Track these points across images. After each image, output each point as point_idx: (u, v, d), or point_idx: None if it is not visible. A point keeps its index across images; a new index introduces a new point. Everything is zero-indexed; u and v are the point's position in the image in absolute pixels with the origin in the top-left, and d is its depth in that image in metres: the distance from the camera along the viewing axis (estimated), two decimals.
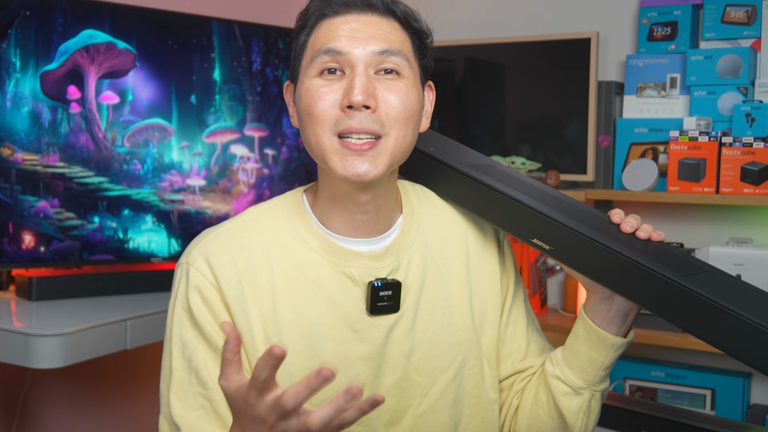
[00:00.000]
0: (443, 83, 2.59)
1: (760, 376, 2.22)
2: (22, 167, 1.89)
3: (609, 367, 1.13)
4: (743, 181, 2.04)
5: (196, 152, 2.14)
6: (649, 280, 1.00)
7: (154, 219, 2.08)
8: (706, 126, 2.14)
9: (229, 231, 1.10)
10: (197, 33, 2.13)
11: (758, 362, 0.94)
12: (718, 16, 2.19)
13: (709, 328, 0.96)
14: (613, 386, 2.29)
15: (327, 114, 1.03)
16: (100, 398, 2.34)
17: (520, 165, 2.35)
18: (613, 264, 1.03)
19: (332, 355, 1.07)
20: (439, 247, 1.17)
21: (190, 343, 1.05)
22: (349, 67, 1.04)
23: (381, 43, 1.05)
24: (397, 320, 1.11)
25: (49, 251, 1.94)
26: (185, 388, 1.05)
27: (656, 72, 2.26)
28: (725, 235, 2.25)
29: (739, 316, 0.94)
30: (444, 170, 1.19)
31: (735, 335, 0.94)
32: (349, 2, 1.07)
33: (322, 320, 1.08)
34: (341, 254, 1.10)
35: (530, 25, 2.53)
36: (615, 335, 1.11)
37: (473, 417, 1.18)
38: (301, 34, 1.10)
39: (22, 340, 1.65)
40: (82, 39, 1.96)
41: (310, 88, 1.05)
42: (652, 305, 1.02)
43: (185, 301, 1.06)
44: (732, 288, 1.01)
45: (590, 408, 1.14)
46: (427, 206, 1.20)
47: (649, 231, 1.09)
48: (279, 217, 1.12)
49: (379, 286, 1.08)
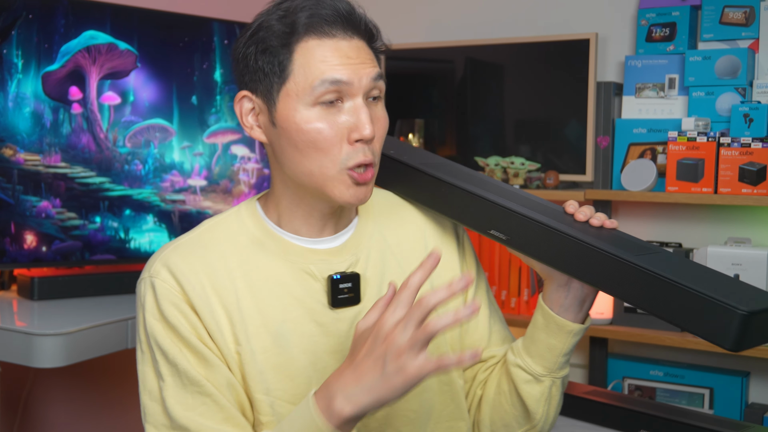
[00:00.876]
0: (443, 84, 2.60)
1: (758, 375, 2.23)
2: (24, 167, 1.90)
3: (568, 353, 1.15)
4: (741, 182, 2.05)
5: (197, 152, 2.15)
6: (603, 261, 1.04)
7: (156, 219, 2.09)
8: (704, 126, 2.15)
9: (187, 243, 1.13)
10: (198, 34, 2.14)
11: (709, 333, 0.97)
12: (716, 17, 2.20)
13: (662, 304, 1.00)
14: (612, 385, 2.30)
15: (335, 148, 1.06)
16: (102, 397, 2.35)
17: (520, 165, 2.36)
18: (568, 249, 1.06)
19: (300, 350, 1.10)
20: (397, 241, 1.20)
21: (171, 349, 1.06)
22: (349, 97, 1.06)
23: (373, 69, 1.08)
24: (359, 312, 1.14)
25: (50, 251, 1.95)
26: (180, 390, 1.05)
27: (655, 73, 2.27)
28: (723, 235, 2.26)
29: (689, 290, 0.97)
30: (403, 170, 1.23)
31: (686, 309, 0.98)
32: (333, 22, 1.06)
33: (287, 317, 1.10)
34: (299, 253, 1.13)
35: (529, 26, 2.54)
36: (572, 322, 1.13)
37: (446, 404, 1.20)
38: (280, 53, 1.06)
39: (24, 340, 1.66)
40: (83, 40, 1.97)
41: (311, 119, 1.05)
42: (606, 286, 1.05)
43: (156, 311, 1.08)
44: (681, 266, 1.05)
45: (551, 395, 1.17)
46: (383, 204, 1.24)
47: (602, 219, 1.12)
48: (234, 225, 1.15)
49: (338, 278, 1.12)
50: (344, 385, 0.96)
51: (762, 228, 2.22)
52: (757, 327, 0.96)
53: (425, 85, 2.63)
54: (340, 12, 1.06)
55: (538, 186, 2.35)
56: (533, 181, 2.36)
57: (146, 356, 1.09)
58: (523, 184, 2.36)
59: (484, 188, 1.18)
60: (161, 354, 1.07)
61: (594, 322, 2.26)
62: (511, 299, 2.37)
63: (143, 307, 1.09)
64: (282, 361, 1.09)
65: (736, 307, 0.94)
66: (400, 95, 2.65)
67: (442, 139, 2.59)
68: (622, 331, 2.20)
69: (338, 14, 1.06)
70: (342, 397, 0.95)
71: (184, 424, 1.04)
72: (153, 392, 1.08)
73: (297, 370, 1.10)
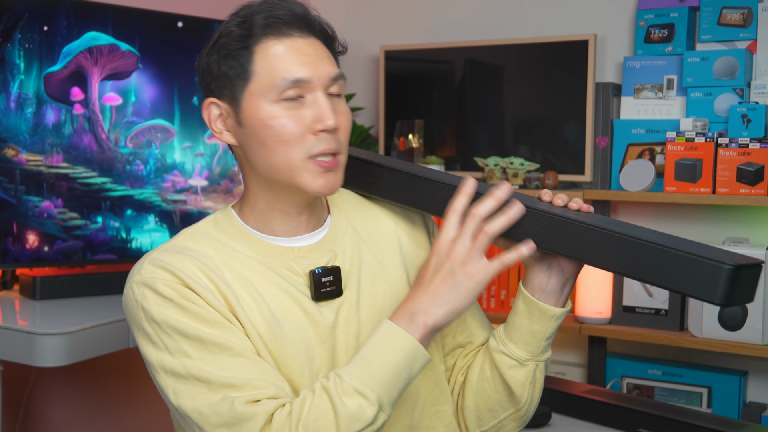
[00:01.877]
0: (443, 85, 2.61)
1: (755, 374, 2.24)
2: (26, 168, 1.91)
3: (550, 337, 1.18)
4: (739, 182, 2.05)
5: (198, 153, 2.16)
6: (588, 234, 1.07)
7: (157, 219, 2.11)
8: (702, 127, 2.16)
9: (171, 248, 1.14)
10: (199, 35, 2.15)
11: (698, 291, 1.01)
12: (714, 18, 2.21)
13: (649, 269, 1.04)
14: (610, 384, 2.31)
15: (300, 139, 1.10)
16: (103, 396, 2.36)
17: (519, 165, 2.37)
18: (550, 226, 1.10)
19: (293, 337, 1.12)
20: (370, 236, 1.24)
21: (188, 327, 1.06)
22: (309, 92, 1.11)
23: (332, 68, 1.13)
24: (342, 303, 1.17)
25: (52, 251, 1.96)
26: (212, 357, 1.05)
27: (653, 73, 2.28)
28: (721, 234, 2.26)
29: (675, 252, 1.02)
30: (372, 169, 1.27)
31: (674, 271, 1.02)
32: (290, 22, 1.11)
33: (279, 306, 1.13)
34: (281, 252, 1.16)
35: (529, 27, 2.55)
36: (554, 306, 1.16)
37: (432, 389, 1.23)
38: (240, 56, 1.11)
39: (26, 339, 1.67)
40: (85, 41, 1.98)
41: (274, 114, 1.10)
42: (593, 259, 1.08)
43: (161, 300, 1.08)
44: (664, 236, 1.09)
45: (535, 378, 1.19)
46: (353, 202, 1.28)
47: (580, 203, 1.15)
48: (213, 232, 1.17)
49: (320, 272, 1.15)
50: (421, 303, 1.06)
51: (760, 228, 2.22)
52: (742, 283, 1.00)
53: (425, 86, 2.64)
54: (295, 13, 1.12)
55: (537, 186, 2.36)
56: (532, 181, 2.37)
57: (159, 346, 1.08)
58: (522, 184, 2.37)
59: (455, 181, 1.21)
60: (180, 335, 1.06)
61: (592, 321, 2.27)
62: (510, 299, 2.38)
63: (142, 305, 1.09)
64: (277, 347, 1.11)
65: (722, 262, 0.98)
66: (400, 96, 2.66)
67: (442, 140, 2.60)
68: (621, 331, 2.21)
69: (293, 15, 1.12)
70: (422, 313, 1.05)
71: (229, 383, 1.04)
72: (178, 372, 1.06)
73: (291, 357, 1.12)
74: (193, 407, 1.05)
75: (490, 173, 2.42)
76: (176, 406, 1.07)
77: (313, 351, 1.14)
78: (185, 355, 1.06)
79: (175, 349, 1.07)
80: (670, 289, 1.04)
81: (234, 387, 1.04)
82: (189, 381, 1.06)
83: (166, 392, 1.08)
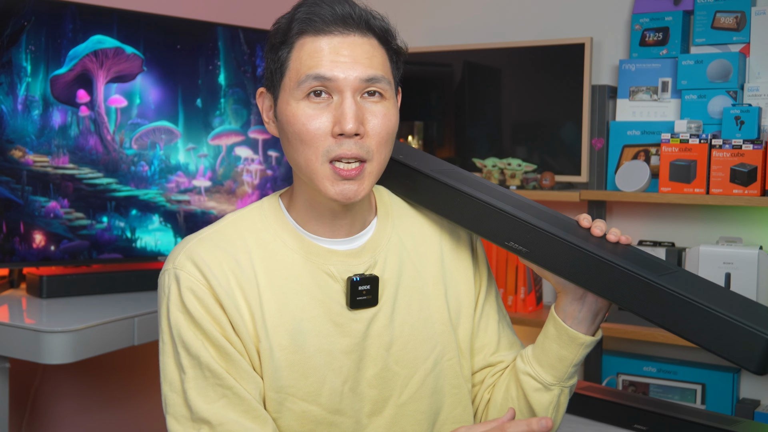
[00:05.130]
0: (442, 87, 2.63)
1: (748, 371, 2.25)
2: (33, 169, 1.92)
3: (578, 364, 1.16)
4: (733, 182, 2.07)
5: (201, 154, 2.17)
6: (625, 280, 1.04)
7: (161, 219, 2.12)
8: (696, 128, 2.17)
9: (211, 235, 1.13)
10: (203, 38, 2.17)
11: (734, 355, 0.98)
12: (708, 22, 2.23)
13: (685, 324, 1.00)
14: (606, 381, 2.32)
15: (319, 141, 1.06)
16: (109, 392, 2.37)
17: (516, 166, 2.39)
18: (588, 265, 1.06)
19: (316, 349, 1.11)
20: (414, 245, 1.21)
21: (194, 342, 1.07)
22: (337, 93, 1.07)
23: (367, 69, 1.07)
24: (376, 314, 1.15)
25: (59, 250, 1.97)
26: (201, 383, 1.06)
27: (648, 76, 2.29)
28: (715, 234, 2.28)
29: (713, 312, 0.98)
30: (417, 177, 1.22)
31: (710, 330, 0.99)
32: (330, 20, 1.07)
33: (305, 315, 1.11)
34: (320, 253, 1.14)
35: (526, 30, 2.56)
36: (585, 334, 1.15)
37: (454, 406, 1.21)
38: (281, 49, 1.10)
39: (33, 337, 1.67)
40: (91, 44, 1.99)
41: (297, 112, 1.07)
42: (628, 303, 1.05)
43: (180, 304, 1.08)
44: (702, 287, 1.05)
45: (559, 403, 1.18)
46: (401, 208, 1.24)
47: (618, 234, 1.12)
48: (258, 220, 1.15)
49: (357, 280, 1.12)
50: None
51: (753, 227, 2.24)
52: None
53: (424, 89, 2.65)
54: (336, 10, 1.07)
55: (535, 187, 2.37)
56: (529, 182, 2.39)
57: (168, 347, 1.09)
58: (519, 185, 2.38)
59: (499, 198, 1.17)
60: (183, 347, 1.07)
61: None
62: (507, 297, 2.40)
63: (167, 299, 1.09)
64: (298, 359, 1.10)
65: (762, 332, 0.95)
66: None
67: (441, 141, 2.62)
68: (617, 329, 2.22)
69: (333, 12, 1.07)
70: None
71: (205, 417, 1.05)
72: (174, 384, 1.08)
73: (311, 369, 1.10)
74: (172, 428, 1.08)
75: (488, 174, 2.43)
76: (164, 413, 1.09)
77: (339, 362, 1.12)
78: (183, 369, 1.08)
79: (177, 360, 1.09)
80: (705, 347, 1.00)
81: (209, 425, 1.05)
82: (179, 397, 1.08)
83: (161, 395, 1.11)
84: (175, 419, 1.08)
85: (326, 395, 1.11)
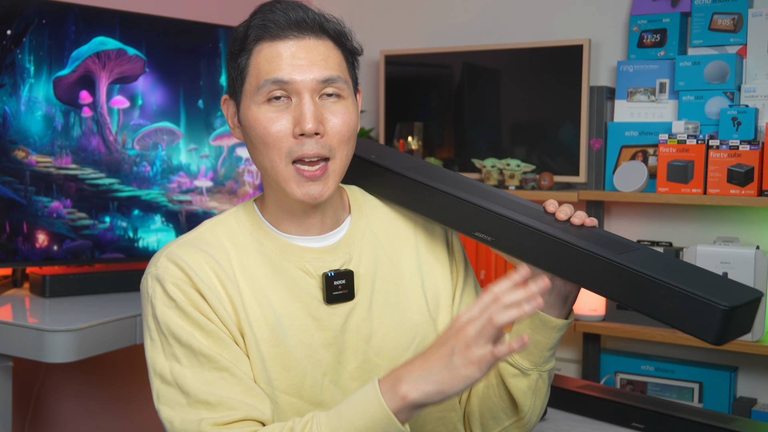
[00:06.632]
0: (441, 88, 2.64)
1: (745, 370, 2.27)
2: (36, 169, 1.93)
3: (553, 348, 1.18)
4: (730, 183, 2.08)
5: (203, 155, 2.18)
6: (586, 260, 1.05)
7: (163, 219, 2.13)
8: (694, 129, 2.18)
9: (190, 240, 1.16)
10: (204, 40, 2.18)
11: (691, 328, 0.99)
12: (705, 24, 2.24)
13: (645, 301, 1.01)
14: (604, 380, 2.34)
15: (281, 142, 1.10)
16: (111, 391, 2.37)
17: (515, 167, 2.40)
18: (552, 249, 1.08)
19: (297, 342, 1.13)
20: (388, 240, 1.24)
21: (183, 333, 1.09)
22: (295, 95, 1.10)
23: (323, 71, 1.10)
24: (354, 307, 1.17)
25: (61, 250, 1.98)
26: (197, 368, 1.08)
27: (646, 77, 2.30)
28: (712, 234, 2.29)
29: (671, 287, 0.99)
30: (388, 175, 1.25)
31: (669, 305, 1.00)
32: (285, 25, 1.11)
33: (284, 311, 1.13)
34: (295, 251, 1.17)
35: (525, 32, 2.57)
36: (556, 318, 1.16)
37: None
38: (240, 57, 1.14)
39: (36, 336, 1.68)
40: (93, 46, 2.00)
41: (259, 116, 1.11)
42: (590, 284, 1.07)
43: (166, 299, 1.11)
44: (663, 263, 1.06)
45: (537, 387, 1.20)
46: (375, 205, 1.27)
47: (583, 217, 1.14)
48: (234, 225, 1.19)
49: (332, 275, 1.15)
50: (411, 371, 0.98)
51: (749, 227, 2.25)
52: (737, 320, 0.98)
53: (424, 90, 2.67)
54: (290, 14, 1.11)
55: (533, 187, 2.39)
56: (528, 182, 2.40)
57: (156, 343, 1.11)
58: (518, 185, 2.40)
59: (465, 190, 1.19)
60: (174, 339, 1.09)
61: (587, 318, 2.30)
62: (489, 279, 2.40)
63: (151, 299, 1.12)
64: (279, 352, 1.12)
65: (717, 302, 0.96)
66: (400, 99, 2.68)
67: (440, 142, 2.63)
68: (615, 328, 2.23)
69: (288, 16, 1.11)
70: (407, 381, 0.97)
71: (204, 398, 1.06)
72: (164, 375, 1.10)
73: (293, 362, 1.12)
74: (168, 417, 1.09)
75: (487, 174, 2.45)
76: (156, 408, 1.10)
77: (319, 355, 1.14)
78: (175, 359, 1.09)
79: (168, 352, 1.10)
80: (664, 322, 1.01)
81: (208, 405, 1.06)
82: (173, 387, 1.09)
83: (152, 391, 1.12)
84: (169, 407, 1.09)
85: (308, 388, 1.13)
